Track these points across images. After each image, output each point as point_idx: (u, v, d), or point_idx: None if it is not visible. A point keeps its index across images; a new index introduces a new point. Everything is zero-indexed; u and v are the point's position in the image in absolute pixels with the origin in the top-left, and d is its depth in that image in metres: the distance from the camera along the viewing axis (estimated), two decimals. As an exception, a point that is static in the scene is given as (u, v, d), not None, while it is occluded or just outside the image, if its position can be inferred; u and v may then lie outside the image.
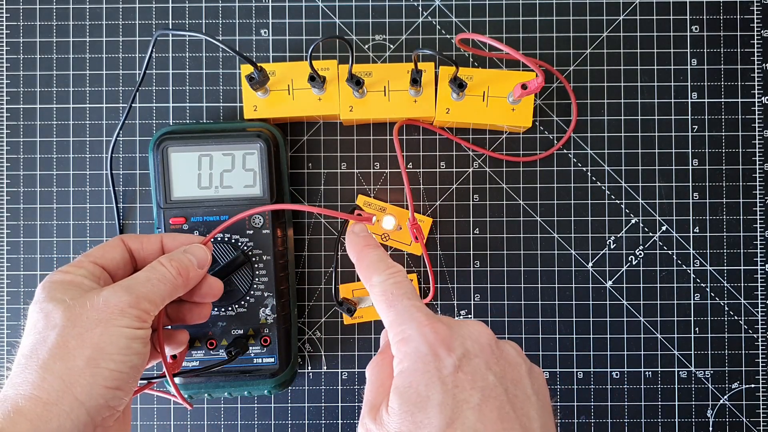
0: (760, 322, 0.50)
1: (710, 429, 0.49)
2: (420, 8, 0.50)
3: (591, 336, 0.50)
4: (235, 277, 0.45)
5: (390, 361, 0.32)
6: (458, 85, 0.45)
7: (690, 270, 0.50)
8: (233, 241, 0.45)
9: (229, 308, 0.45)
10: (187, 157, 0.45)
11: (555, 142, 0.50)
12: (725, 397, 0.49)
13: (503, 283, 0.50)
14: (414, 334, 0.30)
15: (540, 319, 0.50)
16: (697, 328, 0.50)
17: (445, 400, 0.27)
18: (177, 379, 0.44)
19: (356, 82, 0.45)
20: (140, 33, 0.50)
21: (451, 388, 0.28)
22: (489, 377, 0.28)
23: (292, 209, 0.48)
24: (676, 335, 0.50)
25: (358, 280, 0.50)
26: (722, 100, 0.50)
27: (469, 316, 0.50)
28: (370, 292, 0.33)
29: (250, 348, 0.45)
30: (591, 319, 0.50)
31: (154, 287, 0.34)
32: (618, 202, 0.50)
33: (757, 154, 0.50)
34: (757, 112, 0.50)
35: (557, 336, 0.50)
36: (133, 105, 0.50)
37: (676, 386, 0.49)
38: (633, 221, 0.50)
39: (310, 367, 0.50)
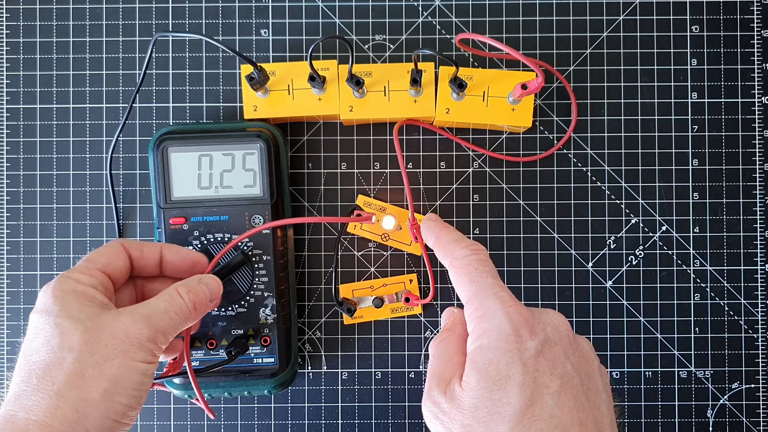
0: (760, 322, 0.50)
1: (710, 429, 0.49)
2: (420, 8, 0.50)
3: (591, 336, 0.50)
4: (235, 277, 0.45)
5: (457, 338, 0.32)
6: (458, 85, 0.45)
7: (690, 270, 0.50)
8: (233, 241, 0.45)
9: (229, 308, 0.45)
10: (187, 157, 0.45)
11: (555, 142, 0.50)
12: (725, 397, 0.49)
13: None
14: (497, 312, 0.30)
15: (540, 319, 0.49)
16: (697, 328, 0.50)
17: (526, 381, 0.27)
18: (177, 379, 0.44)
19: (356, 82, 0.45)
20: (140, 33, 0.50)
21: (532, 371, 0.28)
22: (567, 366, 0.29)
23: (291, 223, 0.47)
24: (676, 335, 0.50)
25: (359, 280, 0.50)
26: (722, 100, 0.50)
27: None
28: (451, 266, 0.33)
29: (250, 348, 0.45)
30: (591, 319, 0.50)
31: (171, 321, 0.33)
32: (618, 202, 0.50)
33: (757, 154, 0.50)
34: (757, 112, 0.50)
35: (557, 336, 0.49)
36: (133, 105, 0.50)
37: (676, 386, 0.49)
38: (633, 221, 0.50)
39: (310, 367, 0.50)
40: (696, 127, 0.50)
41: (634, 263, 0.50)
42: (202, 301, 0.35)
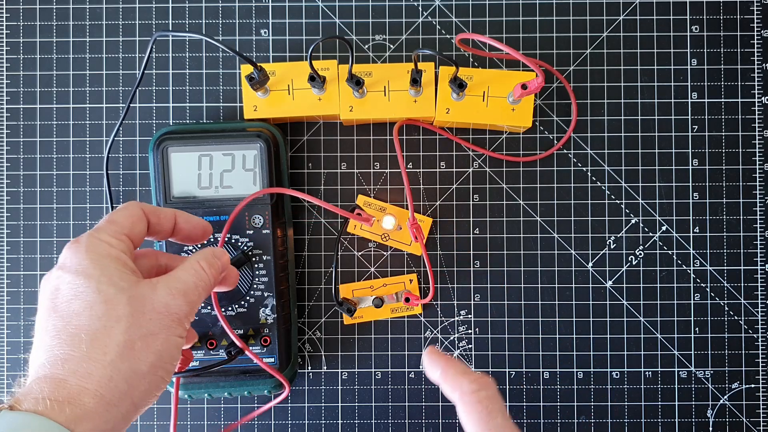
0: (760, 322, 0.50)
1: (710, 429, 0.49)
2: (420, 8, 0.50)
3: (591, 336, 0.50)
4: (235, 277, 0.45)
5: None
6: (458, 85, 0.45)
7: (690, 270, 0.50)
8: (233, 241, 0.45)
9: (229, 308, 0.45)
10: (187, 157, 0.45)
11: (555, 142, 0.50)
12: (725, 397, 0.49)
13: (503, 283, 0.50)
14: None
15: (540, 319, 0.50)
16: (697, 328, 0.50)
17: None
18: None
19: (356, 82, 0.45)
20: (140, 33, 0.50)
21: None
22: None
23: (293, 194, 0.48)
24: (676, 335, 0.50)
25: (359, 280, 0.50)
26: (722, 100, 0.50)
27: (470, 316, 0.50)
28: (460, 401, 0.32)
29: (250, 348, 0.45)
30: (591, 319, 0.50)
31: (199, 297, 0.33)
32: (618, 202, 0.50)
33: (757, 154, 0.50)
34: (757, 112, 0.50)
35: (557, 336, 0.50)
36: (132, 105, 0.50)
37: (676, 386, 0.49)
38: (633, 221, 0.50)
39: (310, 367, 0.50)
40: (696, 127, 0.50)
41: (634, 263, 0.50)
42: (218, 275, 0.35)
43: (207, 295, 0.34)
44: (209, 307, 0.45)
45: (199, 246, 0.44)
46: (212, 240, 0.45)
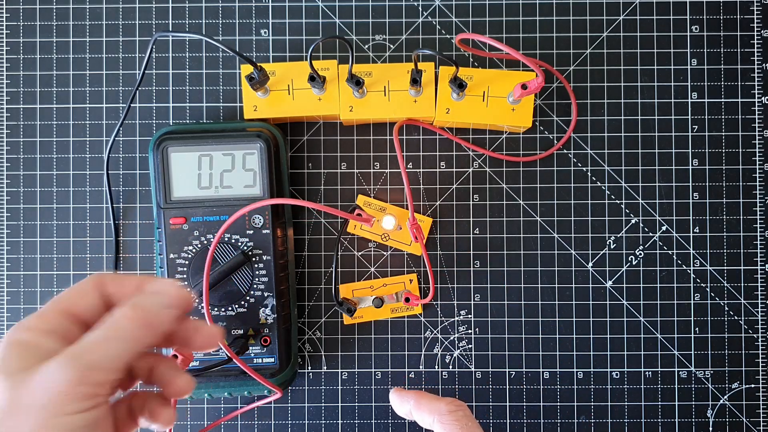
0: (760, 322, 0.50)
1: (710, 429, 0.49)
2: (420, 8, 0.50)
3: (591, 336, 0.50)
4: (235, 277, 0.45)
5: None
6: (458, 85, 0.45)
7: (690, 270, 0.50)
8: (233, 241, 0.45)
9: (229, 308, 0.45)
10: (187, 157, 0.45)
11: (555, 142, 0.50)
12: (725, 397, 0.49)
13: (503, 283, 0.50)
14: None
15: (540, 319, 0.50)
16: (697, 328, 0.50)
17: None
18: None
19: (356, 82, 0.45)
20: (140, 33, 0.50)
21: None
22: None
23: (291, 204, 0.48)
24: (676, 335, 0.50)
25: (359, 280, 0.50)
26: (722, 100, 0.50)
27: (470, 316, 0.50)
28: (439, 422, 0.35)
29: (250, 348, 0.45)
30: (591, 319, 0.50)
31: (109, 350, 0.27)
32: (618, 202, 0.50)
33: (757, 154, 0.50)
34: (757, 112, 0.50)
35: (557, 336, 0.50)
36: (132, 105, 0.50)
37: (676, 386, 0.49)
38: (633, 221, 0.50)
39: (310, 367, 0.50)
40: (696, 127, 0.50)
41: (634, 263, 0.50)
42: (153, 312, 0.29)
43: (134, 345, 0.28)
44: (203, 308, 0.45)
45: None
46: (206, 242, 0.45)
